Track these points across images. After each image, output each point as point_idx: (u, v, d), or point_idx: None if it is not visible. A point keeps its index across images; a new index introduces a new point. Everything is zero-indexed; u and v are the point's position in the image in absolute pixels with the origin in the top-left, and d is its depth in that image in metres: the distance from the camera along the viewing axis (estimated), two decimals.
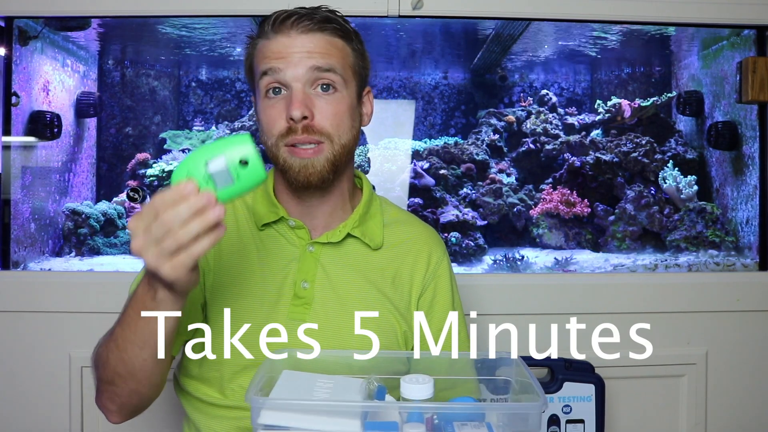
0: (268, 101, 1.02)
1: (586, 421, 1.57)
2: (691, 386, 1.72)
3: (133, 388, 0.93)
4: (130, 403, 0.96)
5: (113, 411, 0.97)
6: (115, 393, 0.94)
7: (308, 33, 1.01)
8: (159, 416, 1.65)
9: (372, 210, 1.14)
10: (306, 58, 1.00)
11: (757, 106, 1.85)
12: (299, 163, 1.01)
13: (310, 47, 1.01)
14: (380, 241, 1.11)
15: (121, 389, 0.93)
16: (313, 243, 1.08)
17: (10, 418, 1.64)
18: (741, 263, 1.89)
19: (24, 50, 1.82)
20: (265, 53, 1.02)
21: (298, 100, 0.99)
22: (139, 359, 0.89)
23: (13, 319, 1.63)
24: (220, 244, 1.06)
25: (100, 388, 0.96)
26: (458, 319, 1.16)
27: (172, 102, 2.40)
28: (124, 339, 0.89)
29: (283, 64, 1.00)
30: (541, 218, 2.20)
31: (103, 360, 0.94)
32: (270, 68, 1.00)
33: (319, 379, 0.86)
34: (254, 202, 1.11)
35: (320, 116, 1.00)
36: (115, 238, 2.08)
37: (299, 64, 1.00)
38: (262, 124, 1.04)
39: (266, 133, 1.03)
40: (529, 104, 2.48)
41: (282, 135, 1.00)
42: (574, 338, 1.70)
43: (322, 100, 1.01)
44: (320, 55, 1.01)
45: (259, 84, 1.03)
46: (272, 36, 1.02)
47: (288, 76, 1.00)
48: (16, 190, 1.83)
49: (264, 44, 1.03)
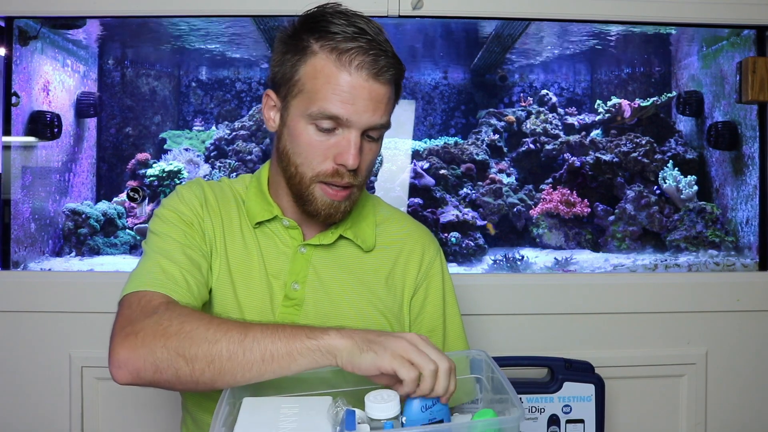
0: (317, 134, 0.97)
1: (586, 421, 1.57)
2: (691, 386, 1.72)
3: (206, 379, 0.83)
4: (173, 382, 0.85)
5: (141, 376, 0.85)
6: (179, 370, 0.83)
7: (381, 83, 0.96)
8: (158, 416, 1.65)
9: (365, 211, 1.14)
10: (374, 111, 0.96)
11: (757, 106, 1.85)
12: (328, 203, 1.01)
13: (378, 98, 0.96)
14: (372, 243, 1.11)
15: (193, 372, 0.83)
16: (305, 244, 1.07)
17: (10, 418, 1.64)
18: (741, 263, 1.89)
19: (24, 50, 1.82)
20: (335, 88, 0.95)
21: (357, 152, 0.96)
22: (249, 365, 0.82)
23: (13, 319, 1.63)
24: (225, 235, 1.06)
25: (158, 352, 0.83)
26: (452, 320, 1.15)
27: (172, 102, 2.40)
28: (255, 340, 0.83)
29: (351, 110, 0.95)
30: (541, 218, 2.20)
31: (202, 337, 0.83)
32: (338, 111, 0.95)
33: (282, 404, 0.81)
34: (248, 199, 1.10)
35: (363, 164, 1.00)
36: (115, 238, 2.08)
37: (364, 115, 0.96)
38: (301, 150, 0.99)
39: (304, 162, 0.99)
40: (529, 104, 2.48)
41: (323, 173, 0.99)
42: (574, 338, 1.70)
43: (367, 148, 1.00)
44: (383, 111, 0.98)
45: (313, 112, 0.96)
46: (344, 70, 0.95)
47: (351, 122, 0.96)
48: (17, 190, 1.83)
49: (334, 73, 0.95)
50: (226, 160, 2.27)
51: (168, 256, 0.98)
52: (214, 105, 2.41)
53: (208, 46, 2.18)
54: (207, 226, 1.05)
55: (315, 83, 0.96)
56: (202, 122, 2.41)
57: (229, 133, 2.34)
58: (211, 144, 2.34)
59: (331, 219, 1.03)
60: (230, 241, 1.06)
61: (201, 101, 2.41)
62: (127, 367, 0.84)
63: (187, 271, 0.98)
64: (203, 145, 2.36)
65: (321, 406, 0.81)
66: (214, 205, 1.08)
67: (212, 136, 2.36)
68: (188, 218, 1.04)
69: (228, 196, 1.11)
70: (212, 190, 1.10)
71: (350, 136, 0.96)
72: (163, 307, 0.89)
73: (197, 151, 2.33)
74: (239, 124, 2.35)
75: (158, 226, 1.04)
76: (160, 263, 0.97)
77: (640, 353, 1.71)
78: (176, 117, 2.41)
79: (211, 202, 1.08)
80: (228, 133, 2.34)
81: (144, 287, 0.93)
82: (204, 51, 2.23)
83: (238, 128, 2.34)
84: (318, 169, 0.98)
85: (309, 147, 0.98)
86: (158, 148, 2.33)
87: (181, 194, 1.08)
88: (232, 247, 1.06)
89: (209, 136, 2.37)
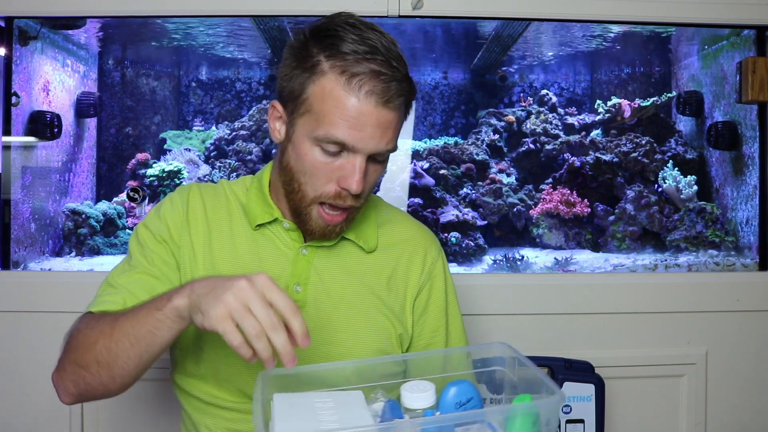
0: (323, 156, 0.96)
1: (586, 421, 1.57)
2: (691, 386, 1.72)
3: (105, 380, 0.90)
4: (93, 393, 0.93)
5: (72, 393, 0.94)
6: (84, 379, 0.92)
7: (390, 110, 0.94)
8: (157, 416, 1.65)
9: (366, 212, 1.13)
10: (381, 137, 0.95)
11: (756, 106, 1.85)
12: (323, 225, 1.01)
13: (386, 125, 0.95)
14: (374, 244, 1.11)
15: (92, 377, 0.91)
16: (306, 246, 1.07)
17: (10, 418, 1.64)
18: (741, 263, 1.89)
19: (24, 50, 1.82)
20: (342, 113, 0.93)
21: (361, 177, 0.95)
22: (124, 354, 0.87)
23: (13, 319, 1.63)
24: (212, 242, 1.06)
25: (68, 368, 0.93)
26: (454, 320, 1.15)
27: (172, 102, 2.40)
28: (120, 330, 0.88)
29: (358, 137, 0.93)
30: (541, 218, 2.20)
31: (86, 343, 0.91)
32: (344, 138, 0.93)
33: (315, 398, 0.80)
34: (248, 201, 1.09)
35: (365, 187, 0.99)
36: (115, 238, 2.08)
37: (371, 141, 0.94)
38: (305, 170, 0.98)
39: (307, 182, 0.98)
40: (529, 104, 2.48)
41: (326, 195, 0.98)
42: (574, 338, 1.70)
43: (371, 169, 0.99)
44: (392, 136, 0.97)
45: (320, 136, 0.94)
46: (353, 96, 0.92)
47: (359, 148, 0.94)
48: (17, 190, 1.83)
49: (342, 98, 0.93)
50: (226, 160, 2.27)
51: (113, 281, 1.02)
52: (214, 105, 2.41)
53: (208, 46, 2.18)
54: (184, 239, 1.06)
55: (323, 105, 0.94)
56: (202, 122, 2.41)
57: (229, 133, 2.34)
58: (211, 144, 2.34)
59: (326, 238, 1.04)
60: (217, 247, 1.06)
61: (201, 101, 2.41)
62: (59, 390, 0.95)
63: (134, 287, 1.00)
64: (203, 145, 2.36)
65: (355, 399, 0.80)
66: (200, 213, 1.08)
67: (212, 136, 2.36)
68: (161, 236, 1.05)
69: (221, 201, 1.10)
70: (202, 197, 1.10)
71: (356, 161, 0.95)
72: (76, 325, 0.96)
73: (197, 151, 2.33)
74: (239, 124, 2.35)
75: (132, 243, 1.08)
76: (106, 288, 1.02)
77: (640, 353, 1.71)
78: (176, 117, 2.41)
79: (197, 211, 1.08)
80: (228, 133, 2.34)
81: (87, 309, 1.01)
82: (204, 51, 2.23)
83: (238, 128, 2.34)
84: (320, 191, 0.98)
85: (314, 168, 0.97)
86: (158, 148, 2.33)
87: (161, 211, 1.08)
88: (221, 254, 1.06)
89: (209, 136, 2.37)
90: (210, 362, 1.03)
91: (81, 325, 0.96)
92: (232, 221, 1.08)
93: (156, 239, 1.05)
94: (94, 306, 1.00)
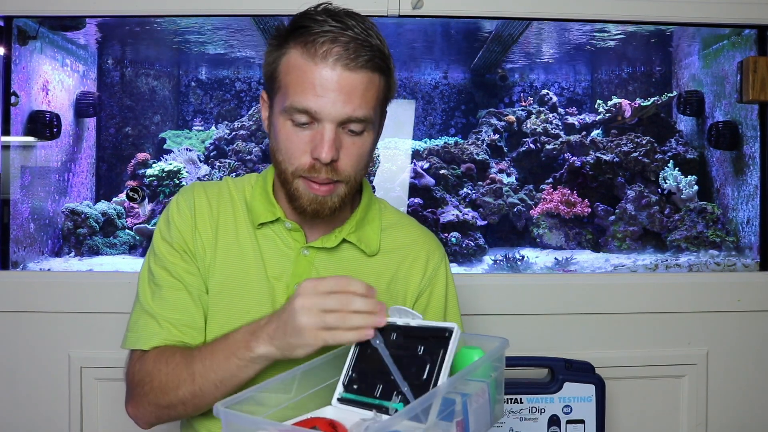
0: (293, 129, 0.97)
1: (587, 421, 1.57)
2: (691, 386, 1.72)
3: (191, 412, 0.98)
4: (175, 418, 1.01)
5: (152, 423, 1.02)
6: (170, 415, 0.99)
7: (353, 71, 0.94)
8: None
9: (370, 215, 1.13)
10: (345, 102, 0.94)
11: (757, 105, 1.84)
12: (312, 198, 0.99)
13: (350, 88, 0.94)
14: (376, 248, 1.10)
15: (179, 414, 0.98)
16: (307, 246, 1.07)
17: (10, 418, 1.64)
18: (741, 263, 1.88)
19: (23, 50, 1.81)
20: (303, 81, 0.94)
21: (329, 145, 0.94)
22: (211, 396, 0.93)
23: (12, 319, 1.63)
24: (218, 242, 1.06)
25: (148, 408, 0.99)
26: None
27: (171, 102, 2.39)
28: (203, 376, 0.93)
29: (320, 103, 0.93)
30: (541, 218, 2.20)
31: (167, 388, 0.96)
32: (306, 104, 0.94)
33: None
34: (252, 199, 1.09)
35: (345, 159, 0.97)
36: (115, 238, 2.08)
37: (336, 105, 0.94)
38: (280, 146, 0.99)
39: (285, 158, 0.99)
40: (530, 104, 2.47)
41: (302, 168, 0.98)
42: (575, 338, 1.69)
43: (349, 141, 0.97)
44: (359, 101, 0.95)
45: (286, 109, 0.96)
46: (311, 62, 0.93)
47: (323, 114, 0.94)
48: (16, 190, 1.82)
49: (302, 66, 0.94)
50: (225, 160, 2.26)
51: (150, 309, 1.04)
52: (213, 105, 2.41)
53: (208, 45, 2.18)
54: (198, 243, 1.06)
55: (288, 78, 0.96)
56: (202, 122, 2.40)
57: (229, 132, 2.34)
58: (211, 144, 2.34)
59: (318, 215, 1.01)
60: (223, 246, 1.06)
61: (200, 101, 2.41)
62: (138, 421, 1.03)
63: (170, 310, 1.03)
64: (203, 145, 2.35)
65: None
66: (206, 211, 1.08)
67: (212, 136, 2.35)
68: (179, 245, 1.05)
69: (226, 199, 1.10)
70: (206, 194, 1.10)
71: (323, 130, 0.95)
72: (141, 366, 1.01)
73: (197, 150, 2.33)
74: (239, 123, 2.35)
75: (150, 258, 1.08)
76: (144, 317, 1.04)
77: (640, 353, 1.71)
78: (176, 117, 2.41)
79: (203, 209, 1.08)
80: (228, 133, 2.34)
81: (133, 345, 1.04)
82: (203, 51, 2.23)
83: (238, 128, 2.33)
84: (296, 164, 0.98)
85: (287, 142, 0.98)
86: (158, 148, 2.33)
87: (170, 218, 1.08)
88: (226, 252, 1.06)
89: (209, 135, 2.37)
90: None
91: (147, 367, 0.99)
92: (237, 220, 1.09)
93: (174, 249, 1.05)
94: (142, 342, 1.02)
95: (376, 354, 0.86)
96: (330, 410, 0.87)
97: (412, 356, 0.84)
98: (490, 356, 0.87)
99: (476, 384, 0.85)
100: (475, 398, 0.82)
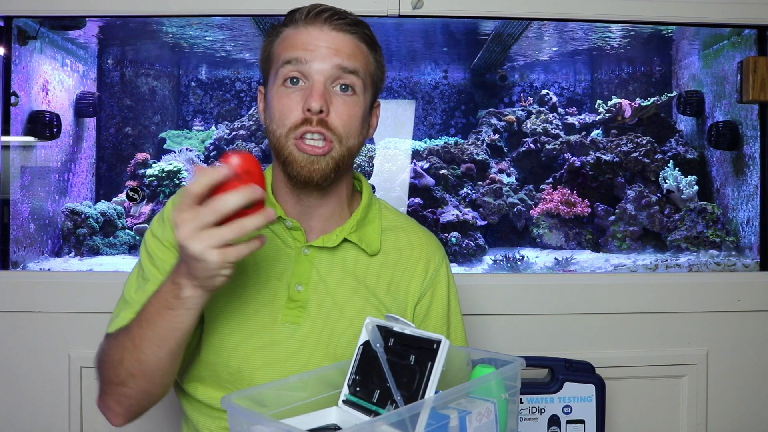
0: (285, 89, 1.01)
1: (587, 421, 1.57)
2: (691, 387, 1.72)
3: (145, 387, 0.93)
4: (139, 404, 0.96)
5: (119, 413, 0.97)
6: (125, 395, 0.94)
7: (339, 31, 1.01)
8: (158, 417, 1.64)
9: (370, 215, 1.13)
10: (333, 54, 1.00)
11: (757, 105, 1.84)
12: (305, 159, 1.00)
13: (338, 45, 1.01)
14: (377, 248, 1.10)
15: (132, 390, 0.94)
16: (308, 246, 1.07)
17: (10, 418, 1.64)
18: (741, 263, 1.88)
19: (23, 50, 1.81)
20: (292, 42, 1.01)
21: (319, 93, 0.98)
22: (155, 358, 0.90)
23: (12, 319, 1.63)
24: None
25: (107, 390, 0.96)
26: (456, 326, 1.15)
27: (171, 102, 2.39)
28: (142, 337, 0.90)
29: (309, 56, 0.99)
30: (541, 218, 2.20)
31: (114, 361, 0.94)
32: (295, 58, 1.00)
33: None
34: None
35: (335, 115, 1.00)
36: (115, 238, 2.08)
37: (326, 59, 1.00)
38: (273, 111, 1.02)
39: (277, 121, 1.01)
40: (530, 104, 2.47)
41: (294, 126, 0.99)
42: (575, 338, 1.69)
43: (340, 100, 1.01)
44: (347, 55, 1.01)
45: (279, 71, 1.01)
46: (302, 26, 1.02)
47: (312, 68, 0.99)
48: (16, 190, 1.82)
49: (291, 33, 1.03)
50: None
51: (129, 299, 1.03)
52: (213, 105, 2.41)
53: (208, 45, 2.18)
54: None
55: (279, 48, 1.03)
56: (202, 122, 2.40)
57: (229, 132, 2.34)
58: (211, 144, 2.34)
59: (312, 179, 1.01)
60: None
61: (200, 101, 2.41)
62: (106, 413, 0.98)
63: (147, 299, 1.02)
64: (203, 145, 2.35)
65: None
66: None
67: (212, 136, 2.35)
68: (169, 241, 1.05)
69: None
70: None
71: (313, 83, 0.99)
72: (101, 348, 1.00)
73: (197, 150, 2.33)
74: (239, 123, 2.35)
75: (142, 253, 1.09)
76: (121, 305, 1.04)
77: (640, 353, 1.71)
78: (176, 117, 2.40)
79: None
80: (228, 133, 2.34)
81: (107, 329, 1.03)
82: (203, 50, 2.23)
83: (238, 128, 2.33)
84: (289, 122, 1.00)
85: (279, 102, 1.01)
86: (158, 148, 2.33)
87: (165, 216, 1.08)
88: None
89: (209, 135, 2.37)
90: (211, 365, 1.03)
91: (105, 347, 0.99)
92: None
93: (164, 246, 1.05)
94: (113, 325, 1.01)
95: (377, 357, 0.85)
96: (335, 411, 0.87)
97: (404, 365, 0.83)
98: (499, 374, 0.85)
99: (481, 402, 0.82)
100: (477, 416, 0.79)
